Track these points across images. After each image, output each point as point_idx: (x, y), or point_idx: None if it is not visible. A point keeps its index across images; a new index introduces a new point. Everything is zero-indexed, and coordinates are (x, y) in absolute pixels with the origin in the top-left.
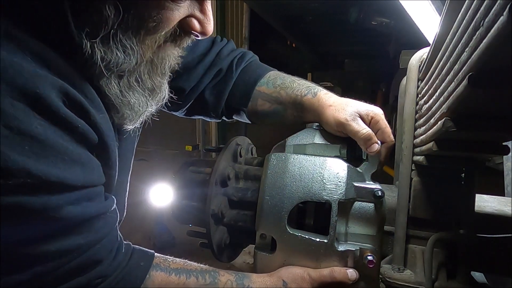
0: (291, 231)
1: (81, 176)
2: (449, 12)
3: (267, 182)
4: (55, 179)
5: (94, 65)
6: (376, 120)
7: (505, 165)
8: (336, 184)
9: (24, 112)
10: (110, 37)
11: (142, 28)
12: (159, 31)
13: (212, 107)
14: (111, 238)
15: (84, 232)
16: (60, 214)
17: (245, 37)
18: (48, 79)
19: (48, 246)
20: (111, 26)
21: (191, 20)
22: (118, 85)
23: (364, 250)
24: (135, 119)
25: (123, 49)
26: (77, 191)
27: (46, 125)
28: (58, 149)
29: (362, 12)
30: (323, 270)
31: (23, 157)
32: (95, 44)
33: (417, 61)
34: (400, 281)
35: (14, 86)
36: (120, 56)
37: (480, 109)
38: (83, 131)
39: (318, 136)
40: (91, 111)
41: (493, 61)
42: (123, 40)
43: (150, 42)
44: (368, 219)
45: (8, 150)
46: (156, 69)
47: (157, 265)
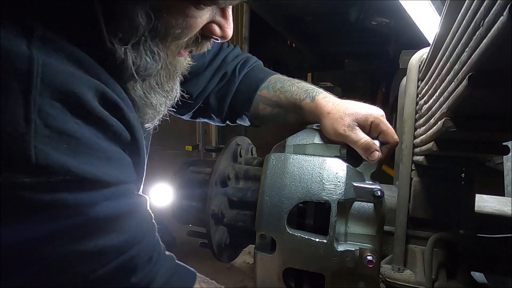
0: (290, 231)
1: (114, 174)
2: (449, 12)
3: (267, 183)
4: (91, 176)
5: (125, 69)
6: (376, 124)
7: (505, 165)
8: (335, 184)
9: (62, 112)
10: (141, 43)
11: (169, 34)
12: (183, 37)
13: (216, 111)
14: (149, 242)
15: (119, 230)
16: (94, 211)
17: (245, 37)
18: (84, 80)
19: (83, 246)
20: (142, 33)
21: (212, 25)
22: (142, 88)
23: (363, 250)
24: (156, 118)
25: (151, 55)
26: (110, 188)
27: (82, 124)
28: (93, 147)
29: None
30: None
31: (62, 155)
32: (127, 50)
33: (417, 61)
34: (400, 281)
35: (53, 87)
36: (148, 61)
37: (480, 109)
38: (116, 129)
39: (318, 136)
40: (125, 110)
41: (493, 61)
42: (151, 46)
43: (174, 48)
44: (368, 219)
45: (48, 149)
46: (172, 73)
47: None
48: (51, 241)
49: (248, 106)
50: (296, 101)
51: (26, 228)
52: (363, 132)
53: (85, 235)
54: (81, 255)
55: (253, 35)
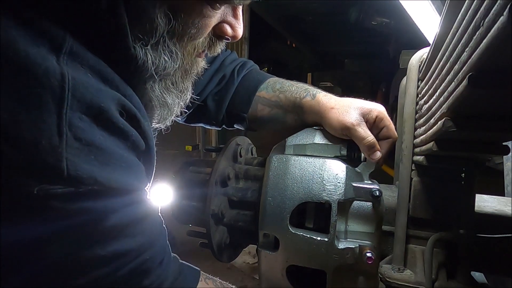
0: (293, 230)
1: (133, 182)
2: (449, 12)
3: (269, 184)
4: (115, 185)
5: (146, 70)
6: (381, 118)
7: (505, 165)
8: (335, 184)
9: (89, 125)
10: (160, 43)
11: (186, 34)
12: (199, 37)
13: (214, 113)
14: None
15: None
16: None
17: (245, 37)
18: (109, 94)
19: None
20: (161, 33)
21: (223, 25)
22: (159, 88)
23: (363, 247)
24: (169, 119)
25: (170, 54)
26: (129, 195)
27: (107, 135)
28: (116, 157)
29: (362, 12)
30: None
31: (90, 166)
32: (147, 51)
33: (417, 61)
34: (400, 281)
35: (82, 102)
36: (167, 60)
37: (480, 109)
38: (135, 139)
39: (318, 136)
40: (141, 120)
41: (493, 61)
42: (170, 46)
43: (191, 49)
44: (367, 218)
45: (78, 160)
46: (188, 74)
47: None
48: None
49: (246, 108)
50: (296, 100)
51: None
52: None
53: (106, 240)
54: (100, 259)
55: (253, 35)
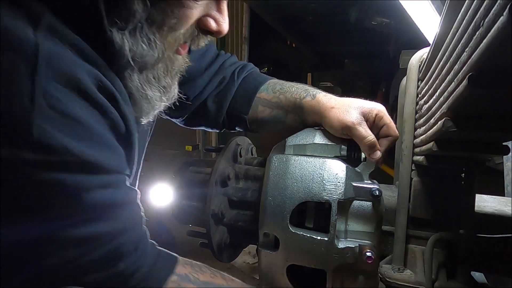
0: (293, 230)
1: (112, 161)
2: (449, 12)
3: (270, 184)
4: (91, 160)
5: (122, 56)
6: (380, 117)
7: (505, 165)
8: (335, 184)
9: (66, 95)
10: (137, 30)
11: (165, 24)
12: (179, 28)
13: (214, 115)
14: (136, 233)
15: (109, 219)
16: (91, 196)
17: (245, 37)
18: (85, 68)
19: (75, 231)
20: (138, 19)
21: (207, 19)
22: (138, 79)
23: (363, 246)
24: (151, 112)
25: (147, 42)
26: (107, 175)
27: (85, 108)
28: (95, 132)
29: (362, 12)
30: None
31: (64, 136)
32: (124, 36)
33: (417, 61)
34: (400, 281)
35: (57, 72)
36: (145, 48)
37: (480, 109)
38: (114, 118)
39: (318, 136)
40: (121, 102)
41: (493, 61)
42: (148, 34)
43: (171, 40)
44: (367, 217)
45: (50, 128)
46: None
47: (186, 276)
48: (43, 222)
49: (247, 109)
50: (297, 100)
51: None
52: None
53: (78, 220)
54: (72, 239)
55: (253, 35)
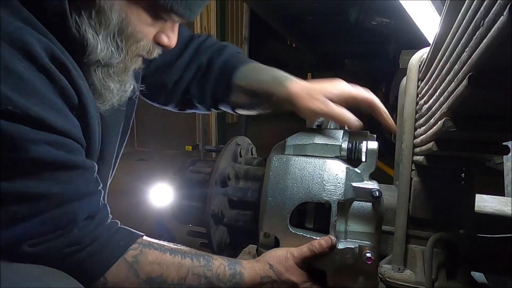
0: (293, 230)
1: (59, 122)
2: (449, 12)
3: (270, 184)
4: (35, 115)
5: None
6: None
7: (505, 165)
8: (335, 185)
9: (11, 54)
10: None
11: (131, 36)
12: (141, 41)
13: (200, 101)
14: (92, 203)
15: (60, 181)
16: (37, 150)
17: (245, 37)
18: (34, 35)
19: (23, 185)
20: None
21: (161, 35)
22: (101, 73)
23: (363, 247)
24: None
25: (116, 48)
26: (56, 134)
27: (31, 70)
28: (40, 92)
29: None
30: (303, 246)
31: (6, 88)
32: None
33: (417, 61)
34: (400, 281)
35: (4, 32)
36: (113, 52)
37: (480, 109)
38: (64, 86)
39: (318, 136)
40: (73, 72)
41: (493, 61)
42: (118, 41)
43: (133, 48)
44: (367, 218)
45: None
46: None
47: (150, 244)
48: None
49: (227, 95)
50: (270, 91)
51: None
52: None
53: (27, 174)
54: (21, 194)
55: (253, 35)
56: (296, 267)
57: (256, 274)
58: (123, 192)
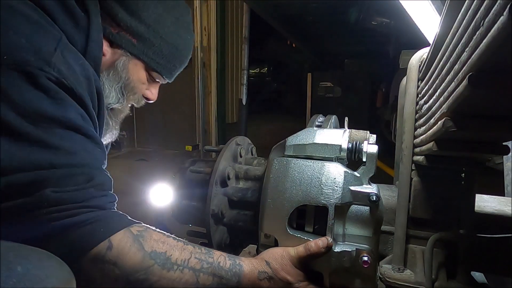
0: (291, 232)
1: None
2: (449, 12)
3: (270, 186)
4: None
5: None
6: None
7: (505, 165)
8: (333, 189)
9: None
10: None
11: (131, 90)
12: (136, 94)
13: None
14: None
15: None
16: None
17: (245, 37)
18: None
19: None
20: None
21: (148, 91)
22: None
23: (360, 250)
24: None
25: (122, 96)
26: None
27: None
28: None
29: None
30: (300, 246)
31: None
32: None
33: (417, 61)
34: (400, 281)
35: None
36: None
37: (480, 109)
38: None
39: (318, 136)
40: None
41: (493, 61)
42: (123, 92)
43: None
44: (365, 222)
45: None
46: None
47: (154, 229)
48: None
49: None
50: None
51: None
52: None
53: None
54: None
55: (253, 35)
56: (292, 265)
57: (254, 268)
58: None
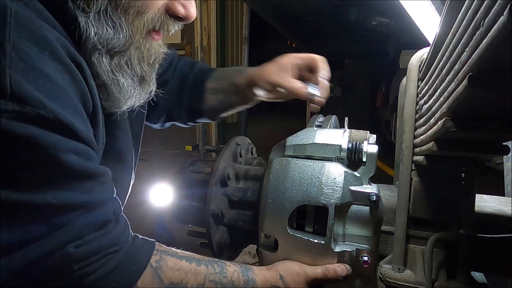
0: (291, 232)
1: (83, 129)
2: (449, 12)
3: (270, 186)
4: (65, 121)
5: (88, 40)
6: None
7: (505, 165)
8: (333, 188)
9: (37, 53)
10: (101, 13)
11: (130, 7)
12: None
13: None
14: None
15: (88, 190)
16: (68, 160)
17: (245, 37)
18: (54, 33)
19: (55, 196)
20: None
21: (174, 3)
22: (110, 64)
23: (360, 250)
24: (122, 101)
25: (112, 25)
26: (81, 143)
27: (57, 70)
28: (67, 96)
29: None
30: (317, 267)
31: (37, 90)
32: (88, 20)
33: (417, 61)
34: (400, 281)
35: (26, 30)
36: (110, 32)
37: (480, 109)
38: (83, 88)
39: (318, 136)
40: (87, 72)
41: (493, 61)
42: (112, 17)
43: (139, 24)
44: (365, 222)
45: (23, 80)
46: (144, 57)
47: (165, 251)
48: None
49: (200, 101)
50: (233, 81)
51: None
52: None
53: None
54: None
55: (253, 35)
56: (305, 285)
57: (267, 281)
58: None
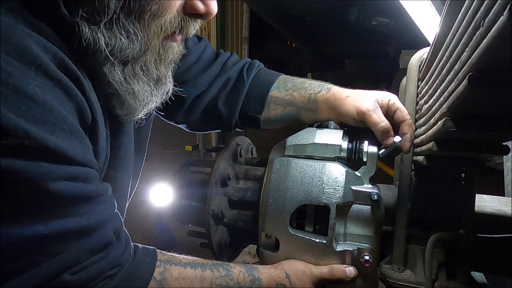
0: (292, 231)
1: (79, 151)
2: (449, 12)
3: (271, 186)
4: (54, 147)
5: (99, 51)
6: (393, 103)
7: (505, 165)
8: (334, 188)
9: (20, 70)
10: (113, 22)
11: (145, 12)
12: (163, 14)
13: (226, 118)
14: (115, 224)
15: (85, 213)
16: (58, 188)
17: (245, 37)
18: (42, 42)
19: (47, 226)
20: (113, 10)
21: (193, 2)
22: (123, 72)
23: (361, 250)
24: (139, 109)
25: (126, 34)
26: (75, 166)
27: (45, 87)
28: (58, 115)
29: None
30: (324, 267)
31: (19, 117)
32: (98, 30)
33: (417, 61)
34: (400, 281)
35: (8, 43)
36: (124, 41)
37: (480, 109)
38: (80, 103)
39: (318, 136)
40: (86, 85)
41: (493, 61)
42: (125, 25)
43: (156, 28)
44: (366, 221)
45: (2, 107)
46: (162, 59)
47: (168, 260)
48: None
49: (260, 109)
50: (311, 96)
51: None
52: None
53: (48, 216)
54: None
55: (253, 35)
56: (311, 285)
57: (273, 279)
58: None
